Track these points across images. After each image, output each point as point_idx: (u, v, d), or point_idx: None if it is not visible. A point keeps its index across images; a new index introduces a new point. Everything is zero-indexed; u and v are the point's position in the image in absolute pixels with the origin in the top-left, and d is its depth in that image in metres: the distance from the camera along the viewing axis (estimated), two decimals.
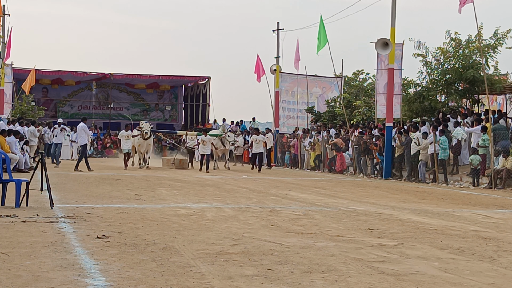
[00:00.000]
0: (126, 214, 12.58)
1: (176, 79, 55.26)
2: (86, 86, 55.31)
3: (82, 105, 56.00)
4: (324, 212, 14.19)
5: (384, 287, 6.76)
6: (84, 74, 52.70)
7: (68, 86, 54.87)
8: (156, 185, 20.74)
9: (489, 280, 7.26)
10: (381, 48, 28.66)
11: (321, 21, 32.97)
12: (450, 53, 30.09)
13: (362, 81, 43.16)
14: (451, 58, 30.01)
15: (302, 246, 9.21)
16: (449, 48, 30.26)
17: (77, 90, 55.67)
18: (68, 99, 55.74)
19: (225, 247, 8.94)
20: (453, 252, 9.13)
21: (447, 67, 30.09)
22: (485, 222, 13.11)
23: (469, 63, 29.45)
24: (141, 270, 7.32)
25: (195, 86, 55.68)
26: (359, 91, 41.43)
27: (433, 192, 21.26)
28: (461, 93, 30.82)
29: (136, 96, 56.86)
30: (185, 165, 33.70)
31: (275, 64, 43.63)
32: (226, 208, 14.22)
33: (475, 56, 29.45)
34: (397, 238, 10.31)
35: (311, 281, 6.97)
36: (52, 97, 55.06)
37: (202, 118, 52.78)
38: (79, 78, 53.41)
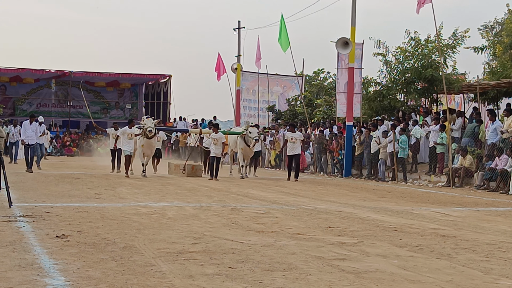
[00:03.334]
0: (85, 213, 12.51)
1: (136, 77, 55.07)
2: (46, 84, 54.95)
3: (41, 103, 55.54)
4: (285, 210, 14.22)
5: (344, 285, 6.79)
6: (43, 72, 52.26)
7: (27, 84, 54.42)
8: (116, 184, 20.64)
9: (448, 277, 7.33)
10: (342, 48, 28.81)
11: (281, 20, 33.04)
12: (409, 53, 30.30)
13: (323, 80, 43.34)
14: (411, 58, 30.22)
15: (263, 245, 9.23)
16: (408, 47, 30.46)
17: (36, 88, 55.26)
18: (27, 97, 55.29)
19: (186, 246, 8.93)
20: (412, 249, 9.21)
21: (406, 66, 30.29)
22: (443, 220, 13.24)
23: (428, 62, 29.67)
24: (101, 269, 7.29)
25: (156, 85, 55.57)
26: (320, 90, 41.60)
27: (393, 190, 21.43)
28: (420, 92, 31.05)
29: (96, 94, 56.59)
30: (198, 172, 26.71)
31: (236, 62, 43.64)
32: (187, 207, 14.20)
33: (434, 55, 29.68)
34: (357, 236, 10.37)
35: (272, 279, 6.98)
36: (10, 95, 54.58)
37: (163, 116, 52.64)
38: (38, 75, 52.94)
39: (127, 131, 24.65)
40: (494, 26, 35.96)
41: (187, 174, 26.00)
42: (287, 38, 32.60)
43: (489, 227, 12.18)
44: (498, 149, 22.33)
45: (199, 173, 26.56)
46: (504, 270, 7.87)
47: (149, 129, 24.47)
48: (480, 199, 19.18)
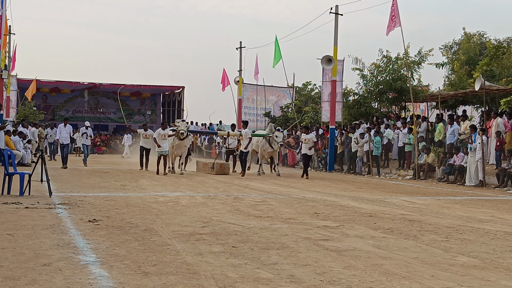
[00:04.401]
0: (113, 201, 12.50)
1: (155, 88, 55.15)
2: (80, 94, 54.97)
3: (76, 110, 55.58)
4: (279, 199, 14.22)
5: (328, 261, 6.79)
6: (78, 84, 52.48)
7: (64, 94, 54.58)
8: (138, 177, 20.61)
9: (414, 255, 7.33)
10: (326, 64, 28.82)
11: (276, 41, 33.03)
12: (382, 68, 30.29)
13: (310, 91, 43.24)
14: (383, 72, 30.20)
15: (261, 228, 9.22)
16: (381, 63, 30.44)
17: (72, 97, 55.34)
18: (64, 104, 55.37)
19: (197, 229, 8.93)
20: (384, 232, 9.20)
21: (379, 79, 30.27)
22: (410, 207, 13.23)
23: (397, 76, 29.65)
24: (125, 248, 7.28)
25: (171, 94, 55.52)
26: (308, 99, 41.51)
27: (368, 182, 21.40)
28: (391, 101, 31.05)
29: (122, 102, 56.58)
30: (226, 170, 24.61)
31: (238, 76, 43.68)
32: (197, 196, 14.19)
33: (402, 70, 29.68)
34: (338, 221, 10.36)
35: (268, 256, 6.98)
36: (50, 103, 54.68)
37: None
38: (73, 87, 53.10)
39: (161, 133, 23.00)
40: (452, 46, 35.86)
41: (216, 172, 24.19)
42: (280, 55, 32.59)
43: (448, 213, 12.18)
44: (456, 148, 22.34)
45: (227, 171, 24.63)
46: (461, 248, 7.87)
47: (182, 131, 22.91)
48: (441, 189, 19.16)
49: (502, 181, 19.76)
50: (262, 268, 6.35)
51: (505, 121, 21.99)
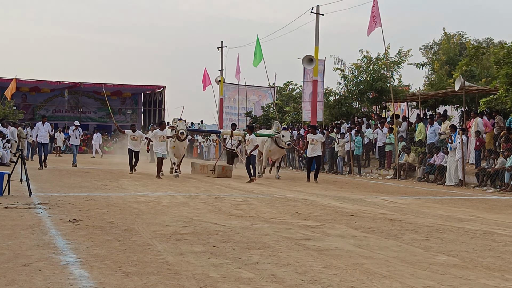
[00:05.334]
0: (93, 201, 12.43)
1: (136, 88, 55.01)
2: (60, 93, 54.72)
3: (56, 109, 55.30)
4: (260, 199, 14.22)
5: (309, 260, 6.80)
6: (58, 83, 52.18)
7: (44, 93, 54.24)
8: (119, 176, 20.52)
9: (394, 254, 7.36)
10: (307, 63, 28.92)
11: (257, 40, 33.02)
12: (362, 68, 30.42)
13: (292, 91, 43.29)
14: (364, 72, 30.34)
15: (242, 227, 9.22)
16: (362, 64, 30.59)
17: (52, 96, 55.06)
18: (44, 104, 55.07)
19: (178, 229, 8.90)
20: (365, 231, 9.23)
21: (360, 80, 30.41)
22: (391, 206, 13.29)
23: (378, 76, 29.81)
24: (106, 248, 7.25)
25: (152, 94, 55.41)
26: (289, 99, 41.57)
27: (349, 182, 21.47)
28: (372, 101, 31.22)
29: (102, 101, 56.30)
30: (228, 173, 22.38)
31: (220, 75, 43.67)
32: (178, 196, 14.15)
33: (383, 70, 29.83)
34: (320, 220, 10.38)
35: (249, 256, 6.97)
36: (30, 103, 54.35)
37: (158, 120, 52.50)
38: (53, 86, 52.79)
39: (159, 134, 20.84)
40: (432, 46, 36.09)
41: (217, 175, 22.04)
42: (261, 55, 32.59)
43: (428, 212, 12.25)
44: (436, 148, 22.47)
45: (229, 174, 22.30)
46: (441, 247, 7.92)
47: (181, 131, 21.28)
48: (421, 189, 19.26)
49: (481, 180, 19.91)
50: (243, 267, 6.35)
51: (485, 121, 22.17)
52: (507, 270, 6.57)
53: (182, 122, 21.69)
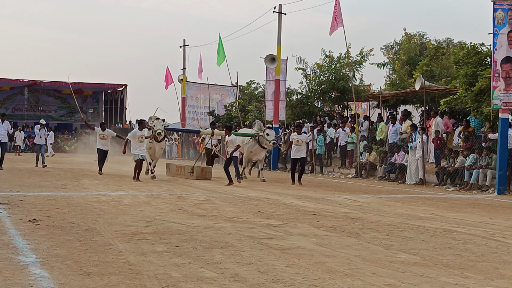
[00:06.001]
0: (54, 201, 12.29)
1: (97, 86, 54.52)
2: (19, 91, 53.92)
3: (15, 108, 54.47)
4: (223, 198, 14.21)
5: (271, 259, 6.81)
6: (17, 81, 51.45)
7: (3, 91, 53.38)
8: (80, 176, 20.32)
9: (356, 252, 7.41)
10: (269, 63, 28.92)
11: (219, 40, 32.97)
12: (324, 68, 30.58)
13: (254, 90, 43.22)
14: (326, 72, 30.49)
15: (204, 227, 9.20)
16: (324, 63, 30.73)
17: (11, 94, 54.23)
18: (3, 102, 54.19)
19: (140, 228, 8.86)
20: (327, 230, 9.28)
21: (322, 79, 30.55)
22: (353, 205, 13.39)
23: (340, 75, 30.00)
24: (67, 248, 7.18)
25: (113, 92, 54.98)
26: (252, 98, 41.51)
27: (311, 181, 21.57)
28: (334, 100, 31.40)
29: (63, 100, 55.75)
30: (208, 175, 20.95)
31: (182, 74, 43.55)
32: (140, 195, 14.07)
33: (344, 70, 30.02)
34: (282, 219, 10.41)
35: (211, 255, 6.96)
36: None
37: (120, 119, 52.11)
38: (13, 84, 52.01)
39: (138, 134, 19.22)
40: (393, 46, 36.45)
41: (196, 177, 20.57)
42: (224, 54, 32.56)
43: (389, 211, 12.36)
44: (397, 147, 22.70)
45: (209, 176, 20.91)
46: (401, 246, 8.00)
47: (159, 131, 19.93)
48: (382, 188, 19.45)
49: (441, 179, 20.17)
50: (205, 267, 6.34)
51: (445, 121, 22.47)
52: (466, 268, 6.67)
53: (159, 122, 20.33)
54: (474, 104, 19.30)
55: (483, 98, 18.73)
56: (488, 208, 13.54)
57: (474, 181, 18.62)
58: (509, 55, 16.94)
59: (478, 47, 19.76)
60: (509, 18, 16.90)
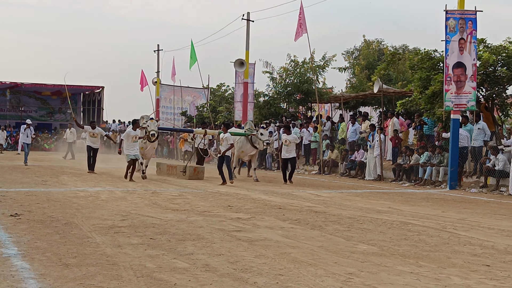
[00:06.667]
0: (34, 196, 12.15)
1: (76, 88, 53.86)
2: (1, 93, 53.13)
3: None
4: (195, 193, 14.17)
5: (240, 251, 6.81)
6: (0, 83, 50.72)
7: None
8: (59, 173, 20.08)
9: (319, 243, 7.45)
10: (238, 66, 28.90)
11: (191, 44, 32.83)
12: (290, 71, 30.65)
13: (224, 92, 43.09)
14: (291, 75, 30.57)
15: (177, 220, 9.17)
16: (289, 67, 30.81)
17: None
18: None
19: (116, 222, 8.79)
20: (292, 222, 9.31)
21: (288, 82, 30.64)
22: (316, 199, 13.44)
23: (304, 79, 30.08)
24: (47, 241, 7.11)
25: (91, 94, 54.43)
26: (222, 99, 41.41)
27: (277, 177, 21.55)
28: (299, 102, 31.50)
29: (43, 101, 55.10)
30: (200, 174, 19.47)
31: (156, 77, 43.38)
32: (116, 191, 13.97)
33: (308, 74, 30.11)
34: (250, 213, 10.41)
35: (184, 247, 6.94)
36: None
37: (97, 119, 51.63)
38: None
39: (132, 134, 17.87)
40: (353, 52, 36.63)
41: (189, 177, 19.12)
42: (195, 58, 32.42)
43: (350, 204, 12.44)
44: (357, 145, 22.83)
45: (201, 176, 19.45)
46: (361, 237, 8.05)
47: (152, 132, 18.50)
48: (343, 183, 19.55)
49: (398, 175, 20.34)
50: (178, 258, 6.32)
51: (401, 121, 22.68)
52: (421, 257, 6.74)
53: (153, 122, 18.88)
54: (427, 106, 19.48)
55: (436, 100, 18.91)
56: (440, 202, 13.69)
57: (428, 177, 18.81)
58: (460, 60, 17.16)
59: (432, 53, 19.92)
60: (460, 26, 17.11)
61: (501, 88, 19.26)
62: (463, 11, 17.16)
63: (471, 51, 17.15)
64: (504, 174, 16.41)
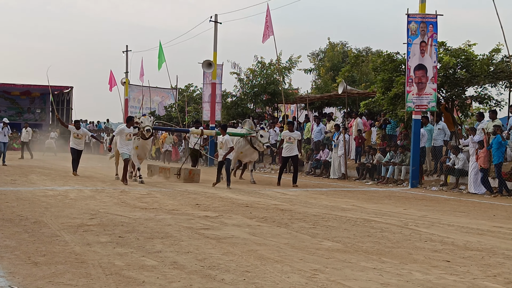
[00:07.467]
0: (3, 195, 11.97)
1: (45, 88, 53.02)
2: None
3: None
4: (163, 192, 14.10)
5: (208, 248, 6.80)
6: None
7: None
8: (28, 172, 19.81)
9: (285, 240, 7.47)
10: (206, 67, 28.82)
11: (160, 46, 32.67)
12: (257, 73, 30.69)
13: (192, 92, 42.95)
14: (258, 76, 30.63)
15: (146, 218, 9.12)
16: (256, 68, 30.85)
17: None
18: None
19: (85, 220, 8.71)
20: (259, 220, 9.32)
21: (255, 83, 30.70)
22: (282, 198, 13.48)
23: (271, 80, 30.18)
24: (16, 239, 7.01)
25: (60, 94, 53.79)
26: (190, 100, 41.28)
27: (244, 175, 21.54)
28: (265, 102, 31.57)
29: (12, 101, 54.32)
30: (196, 177, 18.10)
31: (125, 77, 43.06)
32: (85, 190, 13.83)
33: (275, 75, 30.20)
34: (218, 211, 10.40)
35: (152, 245, 6.91)
36: None
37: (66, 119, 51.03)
38: None
39: (126, 131, 16.50)
40: (319, 54, 36.79)
41: (184, 179, 17.85)
42: (163, 59, 32.27)
43: (315, 202, 12.50)
44: (322, 145, 22.95)
45: (197, 179, 18.09)
46: (326, 234, 8.09)
47: (147, 128, 17.19)
48: (309, 182, 19.63)
49: (361, 174, 20.51)
50: (147, 256, 6.28)
51: (364, 121, 22.86)
52: (383, 254, 6.80)
53: (147, 118, 17.62)
54: (390, 107, 19.66)
55: (398, 101, 19.10)
56: (402, 200, 13.84)
57: (390, 175, 19.00)
58: (421, 62, 17.36)
59: (394, 55, 20.12)
60: (421, 29, 17.31)
61: (461, 90, 19.55)
62: (424, 15, 17.37)
63: (432, 54, 17.36)
64: (463, 173, 16.66)
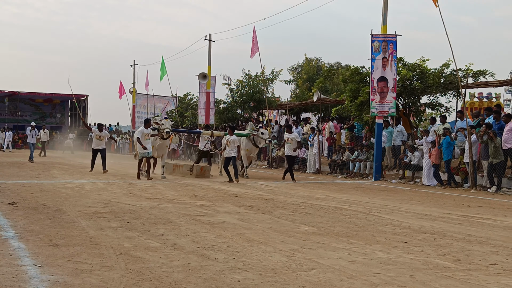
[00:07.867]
0: (29, 187, 11.90)
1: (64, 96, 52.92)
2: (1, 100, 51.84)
3: None
4: (165, 184, 14.07)
5: (203, 232, 6.80)
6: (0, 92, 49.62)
7: None
8: (50, 167, 19.69)
9: (268, 225, 7.48)
10: (202, 79, 28.79)
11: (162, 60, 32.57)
12: (245, 83, 30.68)
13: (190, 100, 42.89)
14: (246, 86, 30.60)
15: (150, 207, 9.10)
16: (244, 80, 30.83)
17: None
18: None
19: (98, 209, 8.68)
20: (247, 208, 9.33)
21: (243, 92, 30.65)
22: (266, 189, 13.49)
23: (256, 90, 30.16)
24: (39, 225, 6.98)
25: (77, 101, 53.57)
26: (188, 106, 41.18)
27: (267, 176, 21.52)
28: (252, 108, 31.53)
29: (36, 107, 54.07)
30: (207, 173, 17.61)
31: (132, 87, 42.95)
32: (99, 183, 13.77)
33: (260, 85, 30.19)
34: (212, 200, 10.40)
35: (156, 229, 6.90)
36: None
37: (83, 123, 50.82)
38: None
39: (144, 132, 16.06)
40: (297, 67, 36.84)
41: (196, 175, 17.32)
42: (165, 72, 32.18)
43: (294, 193, 12.52)
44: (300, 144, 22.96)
45: (207, 175, 17.66)
46: (303, 220, 8.12)
47: (167, 130, 16.59)
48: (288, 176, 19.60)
49: (333, 169, 20.56)
50: (151, 239, 6.27)
51: (335, 124, 22.93)
52: (351, 236, 6.83)
53: (168, 121, 17.00)
54: (357, 112, 19.74)
55: (363, 108, 19.18)
56: (367, 191, 13.90)
57: (357, 170, 19.07)
58: (383, 75, 17.43)
59: (360, 69, 20.19)
60: (383, 47, 17.38)
61: (416, 98, 19.70)
62: (385, 35, 17.44)
63: (392, 68, 17.45)
64: (418, 168, 16.77)
